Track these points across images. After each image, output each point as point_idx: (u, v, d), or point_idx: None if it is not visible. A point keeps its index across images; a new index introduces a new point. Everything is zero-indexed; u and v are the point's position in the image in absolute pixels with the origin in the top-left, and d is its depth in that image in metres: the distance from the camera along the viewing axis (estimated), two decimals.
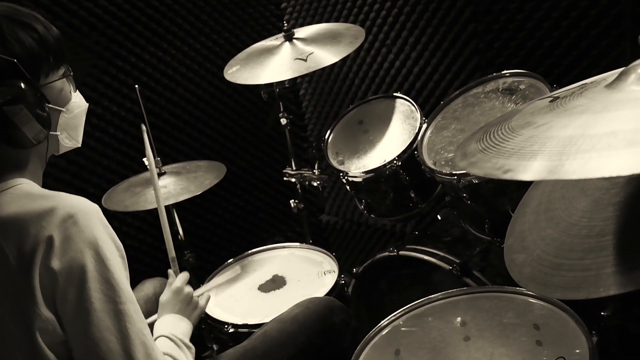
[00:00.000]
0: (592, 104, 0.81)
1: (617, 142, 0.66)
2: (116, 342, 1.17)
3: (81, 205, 1.20)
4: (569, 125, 0.76)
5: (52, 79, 1.30)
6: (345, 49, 2.18)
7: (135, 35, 2.78)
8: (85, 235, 1.17)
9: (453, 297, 1.60)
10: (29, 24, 1.26)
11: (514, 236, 1.32)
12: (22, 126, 1.22)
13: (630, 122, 0.69)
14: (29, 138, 1.24)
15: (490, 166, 0.80)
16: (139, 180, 2.35)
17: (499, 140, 0.86)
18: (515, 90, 1.87)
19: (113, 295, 1.18)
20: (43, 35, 1.27)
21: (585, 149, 0.68)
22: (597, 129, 0.71)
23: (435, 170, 1.84)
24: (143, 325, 1.22)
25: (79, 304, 1.16)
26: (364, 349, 1.51)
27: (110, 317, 1.17)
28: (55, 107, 1.30)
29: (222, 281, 2.09)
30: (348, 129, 2.30)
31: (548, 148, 0.73)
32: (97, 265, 1.17)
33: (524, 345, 1.38)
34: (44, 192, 1.25)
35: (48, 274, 1.15)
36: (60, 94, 1.32)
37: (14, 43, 1.21)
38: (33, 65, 1.24)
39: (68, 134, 1.36)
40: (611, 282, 0.96)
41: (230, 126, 3.16)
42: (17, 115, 1.21)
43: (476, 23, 2.38)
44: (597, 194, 1.12)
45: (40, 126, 1.25)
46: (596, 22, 2.06)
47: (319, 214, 3.47)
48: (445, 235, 2.16)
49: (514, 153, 0.79)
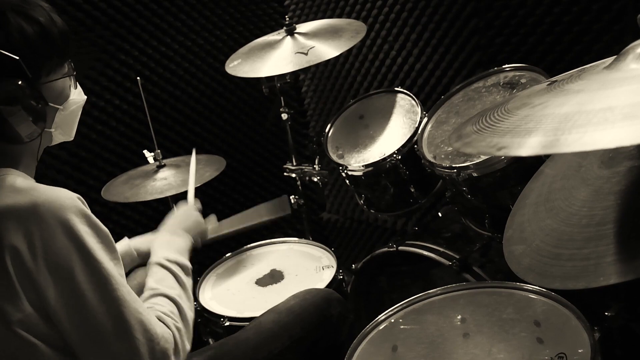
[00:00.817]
0: (589, 84, 0.79)
1: (614, 116, 0.65)
2: (112, 326, 1.18)
3: (60, 198, 1.18)
4: (566, 104, 0.74)
5: (53, 77, 1.28)
6: (346, 43, 2.18)
7: (138, 29, 2.79)
8: (64, 228, 1.16)
9: (452, 292, 1.58)
10: (36, 19, 1.23)
11: (513, 228, 1.30)
12: (17, 126, 1.21)
13: (628, 97, 0.68)
14: (22, 136, 1.23)
15: (484, 145, 0.79)
16: (138, 173, 2.34)
17: (494, 121, 0.85)
18: (516, 84, 1.86)
19: (103, 283, 1.18)
20: (49, 31, 1.25)
21: (581, 124, 0.67)
22: (593, 105, 0.70)
23: (435, 164, 1.83)
24: (138, 305, 1.22)
25: (71, 297, 1.16)
26: (360, 344, 1.49)
27: (104, 304, 1.18)
28: (52, 105, 1.28)
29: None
30: (349, 124, 2.29)
31: (543, 125, 0.72)
32: (81, 257, 1.17)
33: (524, 340, 1.36)
34: (25, 185, 1.22)
35: (27, 272, 1.14)
36: (60, 92, 1.31)
37: (19, 39, 1.20)
38: (35, 62, 1.23)
39: (62, 130, 1.35)
40: (611, 270, 0.95)
41: (232, 121, 3.16)
42: (14, 115, 1.20)
43: (478, 19, 2.38)
44: (597, 183, 1.11)
45: (35, 126, 1.23)
46: (598, 17, 2.06)
47: (319, 211, 3.46)
48: (446, 231, 2.15)
49: (508, 132, 0.78)
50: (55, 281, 1.15)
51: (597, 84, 0.78)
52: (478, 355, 1.36)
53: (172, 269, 1.43)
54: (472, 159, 1.77)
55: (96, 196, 2.36)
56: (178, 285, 1.40)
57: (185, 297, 1.39)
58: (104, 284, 1.18)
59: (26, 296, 1.15)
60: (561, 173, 1.27)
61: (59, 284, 1.15)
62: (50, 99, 1.27)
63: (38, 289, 1.15)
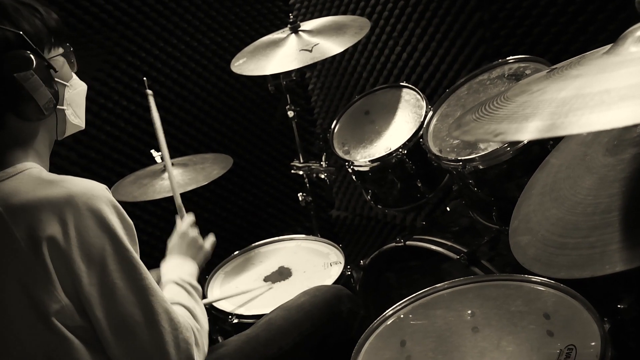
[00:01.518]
0: (588, 68, 0.79)
1: (610, 99, 0.64)
2: (141, 315, 1.22)
3: (91, 189, 1.22)
4: (564, 89, 0.74)
5: (53, 54, 1.32)
6: (350, 39, 2.17)
7: (145, 30, 2.81)
8: (98, 219, 1.20)
9: (460, 286, 1.57)
10: (30, 4, 1.30)
11: (518, 219, 1.29)
12: (34, 92, 1.24)
13: (625, 80, 0.67)
14: (40, 107, 1.26)
15: (482, 132, 0.79)
16: (146, 172, 2.36)
17: (493, 109, 0.84)
18: (520, 75, 1.85)
19: (133, 273, 1.23)
20: (44, 15, 1.31)
21: (578, 107, 0.66)
22: (591, 88, 0.70)
23: (441, 157, 1.82)
24: (162, 294, 1.27)
25: (103, 285, 1.20)
26: (367, 339, 1.49)
27: (134, 293, 1.22)
28: (60, 80, 1.33)
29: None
30: (354, 119, 2.29)
31: (541, 110, 0.71)
32: (114, 246, 1.21)
33: (533, 333, 1.35)
34: (53, 177, 1.26)
35: (64, 261, 1.17)
36: (62, 68, 1.34)
37: (19, 18, 1.25)
38: (38, 39, 1.27)
39: (74, 111, 1.38)
40: (617, 258, 0.94)
41: (239, 120, 3.16)
42: (28, 81, 1.23)
43: (482, 12, 2.37)
44: (602, 171, 1.10)
45: (50, 95, 1.27)
46: (602, 7, 2.04)
47: (328, 208, 3.46)
48: (453, 225, 2.14)
49: (506, 118, 0.77)
50: (88, 269, 1.19)
51: (595, 68, 0.77)
52: (487, 348, 1.35)
53: (185, 287, 1.48)
54: (478, 151, 1.76)
55: None
56: (193, 300, 1.45)
57: (200, 310, 1.44)
58: (133, 273, 1.23)
59: (62, 286, 1.18)
60: (566, 162, 1.26)
61: (92, 271, 1.19)
62: (56, 74, 1.31)
63: (73, 277, 1.18)
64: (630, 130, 1.09)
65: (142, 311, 1.22)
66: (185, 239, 1.69)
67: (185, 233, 1.71)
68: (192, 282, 1.52)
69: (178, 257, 1.63)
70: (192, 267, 1.61)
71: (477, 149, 1.78)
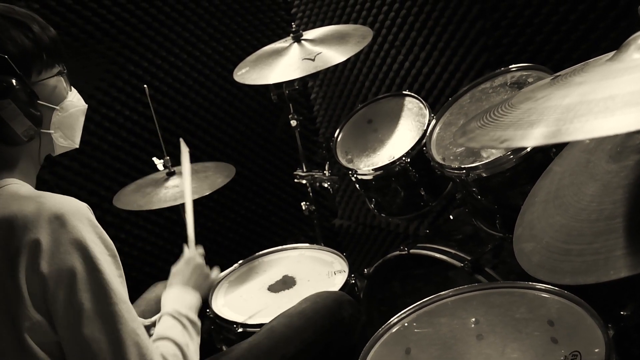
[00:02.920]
0: (592, 75, 0.79)
1: (615, 105, 0.65)
2: (107, 343, 1.15)
3: (68, 205, 1.18)
4: (568, 95, 0.75)
5: (44, 76, 1.29)
6: (353, 48, 2.18)
7: (147, 40, 2.82)
8: (72, 236, 1.15)
9: (464, 293, 1.57)
10: (23, 22, 1.26)
11: (522, 226, 1.30)
12: (10, 121, 1.21)
13: (629, 86, 0.68)
14: (19, 134, 1.23)
15: (487, 139, 0.79)
16: (148, 181, 2.36)
17: (498, 116, 0.85)
18: (523, 84, 1.86)
19: (103, 296, 1.16)
20: (37, 34, 1.27)
21: (582, 113, 0.67)
22: (595, 95, 0.70)
23: (445, 166, 1.82)
24: (136, 325, 1.19)
25: (70, 305, 1.14)
26: (372, 347, 1.48)
27: (101, 318, 1.15)
28: (47, 104, 1.29)
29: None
30: (357, 128, 2.29)
31: (546, 117, 0.72)
32: (86, 266, 1.15)
33: (537, 340, 1.35)
34: (31, 192, 1.23)
35: (36, 277, 1.14)
36: (53, 91, 1.31)
37: (5, 40, 1.22)
38: (24, 62, 1.24)
39: (63, 133, 1.35)
40: (621, 264, 0.94)
41: (241, 129, 3.17)
42: (5, 109, 1.20)
43: (484, 20, 2.38)
44: (606, 178, 1.10)
45: (30, 122, 1.24)
46: (604, 14, 2.05)
47: (331, 217, 3.46)
48: (457, 233, 2.14)
49: (511, 125, 0.78)
50: (57, 286, 1.14)
51: (599, 75, 0.78)
52: (491, 356, 1.35)
53: (182, 321, 1.43)
54: (481, 159, 1.77)
55: (108, 206, 2.38)
56: (187, 336, 1.39)
57: (193, 349, 1.38)
58: (103, 296, 1.16)
59: (33, 302, 1.14)
60: (569, 169, 1.26)
61: (60, 289, 1.14)
62: (44, 97, 1.28)
63: (44, 293, 1.14)
64: (633, 136, 1.10)
65: (108, 339, 1.14)
66: (190, 265, 1.65)
67: (192, 259, 1.67)
68: (189, 315, 1.46)
69: (180, 286, 1.58)
70: (193, 298, 1.55)
71: (480, 157, 1.78)
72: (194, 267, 1.65)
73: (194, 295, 1.57)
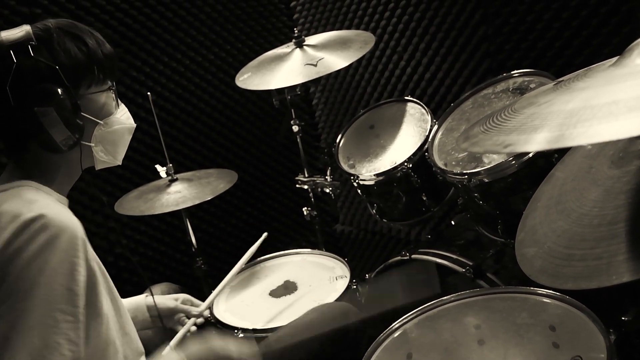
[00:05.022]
0: (595, 81, 0.80)
1: (618, 110, 0.65)
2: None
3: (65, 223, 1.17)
4: (571, 101, 0.75)
5: (93, 90, 1.31)
6: (355, 54, 2.18)
7: (149, 46, 2.83)
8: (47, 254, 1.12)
9: (465, 298, 1.57)
10: (80, 37, 1.29)
11: (525, 231, 1.30)
12: (50, 129, 1.23)
13: (632, 91, 0.68)
14: (57, 142, 1.25)
15: (491, 143, 0.79)
16: (150, 188, 2.36)
17: (501, 121, 0.85)
18: (525, 89, 1.86)
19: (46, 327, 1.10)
20: (92, 49, 1.29)
21: (586, 118, 0.67)
22: (598, 100, 0.70)
23: (447, 171, 1.83)
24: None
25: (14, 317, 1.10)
26: (374, 352, 1.48)
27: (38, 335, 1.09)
28: (91, 117, 1.31)
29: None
30: (359, 134, 2.30)
31: (549, 122, 0.72)
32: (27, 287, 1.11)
33: (539, 345, 1.35)
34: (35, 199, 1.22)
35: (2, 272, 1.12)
36: (101, 107, 1.33)
37: (60, 51, 1.24)
38: (75, 74, 1.26)
39: (104, 148, 1.36)
40: (624, 269, 0.94)
41: (243, 135, 3.18)
42: (46, 117, 1.22)
43: (486, 26, 2.38)
44: (608, 183, 1.10)
45: (69, 132, 1.25)
46: (606, 20, 2.06)
47: (333, 223, 3.46)
48: (459, 238, 2.14)
49: (514, 130, 0.78)
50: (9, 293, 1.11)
51: (602, 80, 0.78)
52: None
53: None
54: (483, 165, 1.77)
55: (110, 212, 2.38)
56: None
57: None
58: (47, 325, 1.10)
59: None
60: (572, 175, 1.26)
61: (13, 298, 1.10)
62: (89, 111, 1.30)
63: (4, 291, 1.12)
64: (635, 142, 1.10)
65: None
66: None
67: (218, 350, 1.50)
68: None
69: None
70: None
71: (482, 163, 1.78)
72: None
73: None
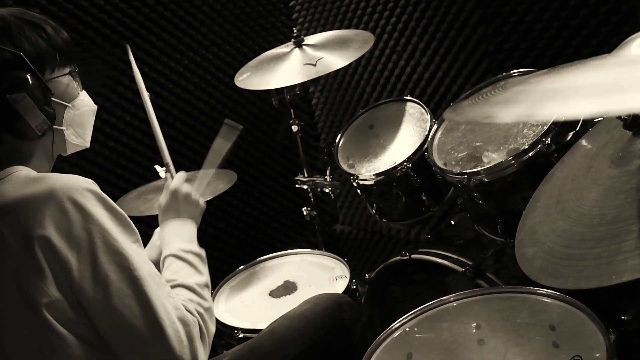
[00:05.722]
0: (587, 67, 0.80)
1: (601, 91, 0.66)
2: (137, 306, 1.19)
3: (76, 183, 1.21)
4: (559, 81, 0.76)
5: (57, 74, 1.33)
6: (354, 54, 2.18)
7: (148, 45, 2.82)
8: (81, 211, 1.18)
9: (465, 298, 1.57)
10: (37, 24, 1.31)
11: (524, 231, 1.30)
12: (25, 114, 1.25)
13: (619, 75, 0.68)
14: (33, 128, 1.26)
15: (474, 114, 0.81)
16: (150, 188, 2.35)
17: (490, 96, 0.86)
18: None
19: (125, 264, 1.20)
20: (51, 35, 1.32)
21: (567, 96, 0.68)
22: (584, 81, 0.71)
23: (446, 171, 1.82)
24: (160, 287, 1.24)
25: (96, 278, 1.18)
26: (374, 352, 1.48)
27: (128, 284, 1.19)
28: (60, 101, 1.33)
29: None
30: (359, 133, 2.30)
31: (532, 98, 0.73)
32: (102, 239, 1.19)
33: (539, 344, 1.35)
34: (39, 175, 1.26)
35: (55, 256, 1.16)
36: (65, 89, 1.35)
37: (21, 39, 1.26)
38: (39, 60, 1.28)
39: (74, 131, 1.38)
40: (623, 268, 0.95)
41: (242, 135, 3.16)
42: (20, 103, 1.24)
43: (485, 25, 2.38)
44: (608, 183, 1.11)
45: (44, 116, 1.27)
46: (606, 20, 2.05)
47: (332, 223, 3.46)
48: (458, 238, 2.14)
49: (498, 103, 0.79)
50: (79, 262, 1.17)
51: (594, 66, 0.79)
52: None
53: (187, 258, 1.43)
54: (483, 164, 1.77)
55: None
56: (196, 273, 1.41)
57: (204, 283, 1.40)
58: (125, 264, 1.19)
59: (55, 280, 1.17)
60: (571, 175, 1.27)
61: (83, 264, 1.17)
62: (57, 95, 1.32)
63: (65, 271, 1.17)
64: (635, 141, 1.10)
65: (138, 302, 1.19)
66: (178, 197, 1.56)
67: (178, 190, 1.57)
68: (193, 249, 1.46)
69: (174, 220, 1.54)
70: (190, 228, 1.53)
71: (481, 162, 1.78)
72: (183, 197, 1.57)
73: (191, 226, 1.55)
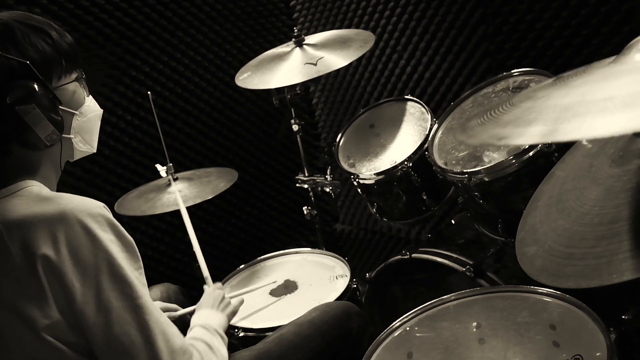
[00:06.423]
0: (593, 77, 0.80)
1: (614, 105, 0.65)
2: (138, 334, 1.19)
3: (86, 206, 1.20)
4: (568, 95, 0.75)
5: (64, 81, 1.31)
6: (355, 53, 2.18)
7: (149, 45, 2.83)
8: (90, 236, 1.17)
9: (466, 297, 1.57)
10: (42, 29, 1.28)
11: (525, 230, 1.30)
12: (34, 126, 1.22)
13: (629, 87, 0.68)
14: (42, 139, 1.24)
15: (486, 135, 0.80)
16: (150, 187, 2.35)
17: (498, 114, 0.86)
18: (525, 88, 1.86)
19: (128, 292, 1.20)
20: (56, 40, 1.28)
21: (581, 113, 0.67)
22: (595, 95, 0.71)
23: (447, 170, 1.82)
24: (159, 314, 1.24)
25: (99, 304, 1.17)
26: (374, 351, 1.48)
27: (129, 312, 1.19)
28: (68, 109, 1.31)
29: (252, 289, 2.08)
30: (359, 133, 2.30)
31: (545, 116, 0.73)
32: (108, 265, 1.18)
33: (539, 344, 1.35)
34: (51, 194, 1.25)
35: (58, 278, 1.16)
36: (72, 96, 1.33)
37: (27, 46, 1.23)
38: (45, 67, 1.25)
39: (82, 138, 1.36)
40: (624, 267, 0.94)
41: (243, 134, 3.18)
42: (29, 114, 1.21)
43: (486, 25, 2.38)
44: (608, 182, 1.10)
45: (53, 127, 1.25)
46: (607, 19, 2.05)
47: (333, 222, 3.46)
48: (459, 237, 2.14)
49: (510, 122, 0.79)
50: (83, 286, 1.17)
51: (600, 76, 0.78)
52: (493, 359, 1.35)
53: (211, 331, 1.47)
54: (483, 164, 1.77)
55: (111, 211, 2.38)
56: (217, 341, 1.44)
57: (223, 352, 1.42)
58: (129, 291, 1.19)
59: (56, 302, 1.16)
60: (572, 174, 1.26)
61: (86, 289, 1.17)
62: (64, 103, 1.29)
63: (67, 294, 1.16)
64: (635, 140, 1.10)
65: (139, 331, 1.19)
66: (213, 294, 1.67)
67: (213, 291, 1.69)
68: (219, 331, 1.49)
69: (208, 308, 1.61)
70: (221, 318, 1.58)
71: (482, 162, 1.78)
72: (216, 296, 1.66)
73: (222, 317, 1.59)
